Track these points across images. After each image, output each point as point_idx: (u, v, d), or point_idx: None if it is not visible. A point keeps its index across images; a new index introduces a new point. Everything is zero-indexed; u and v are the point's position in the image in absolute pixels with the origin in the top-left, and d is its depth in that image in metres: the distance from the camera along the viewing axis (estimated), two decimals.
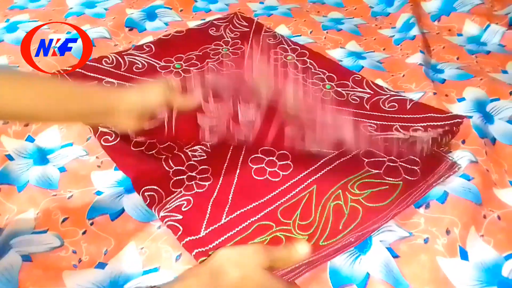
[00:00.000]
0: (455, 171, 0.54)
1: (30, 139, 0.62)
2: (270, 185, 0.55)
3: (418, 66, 0.75)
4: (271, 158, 0.58)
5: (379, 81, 0.74)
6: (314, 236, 0.48)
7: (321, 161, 0.57)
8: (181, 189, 0.54)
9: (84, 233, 0.50)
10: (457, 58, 0.80)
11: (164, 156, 0.58)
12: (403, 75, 0.75)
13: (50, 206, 0.52)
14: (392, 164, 0.56)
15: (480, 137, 0.60)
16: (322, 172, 0.56)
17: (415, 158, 0.56)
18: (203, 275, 0.38)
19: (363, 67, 0.78)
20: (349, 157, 0.57)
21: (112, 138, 0.61)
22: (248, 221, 0.50)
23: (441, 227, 0.48)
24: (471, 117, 0.63)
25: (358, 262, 0.46)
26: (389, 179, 0.54)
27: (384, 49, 0.85)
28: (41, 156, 0.60)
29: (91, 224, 0.51)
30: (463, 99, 0.68)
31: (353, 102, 0.67)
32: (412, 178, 0.54)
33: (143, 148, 0.60)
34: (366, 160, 0.57)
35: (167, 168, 0.57)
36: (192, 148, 0.60)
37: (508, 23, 0.87)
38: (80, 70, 0.73)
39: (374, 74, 0.76)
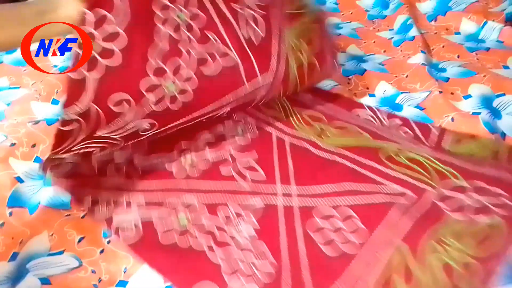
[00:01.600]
0: None
1: (38, 160, 0.61)
2: (348, 258, 0.46)
3: (420, 66, 0.76)
4: (335, 224, 0.49)
5: (383, 83, 0.74)
6: None
7: (392, 211, 0.49)
8: (243, 282, 0.45)
9: (101, 252, 0.49)
10: (458, 56, 0.81)
11: (207, 249, 0.48)
12: (407, 76, 0.75)
13: (64, 227, 0.52)
14: (477, 206, 0.49)
15: (491, 133, 0.60)
16: (403, 226, 0.47)
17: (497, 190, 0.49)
18: None
19: (366, 70, 0.78)
20: (428, 208, 0.49)
21: (134, 234, 0.50)
22: None
23: None
24: (479, 113, 0.64)
25: None
26: (483, 220, 0.47)
27: (384, 51, 0.85)
28: None
29: (108, 242, 0.50)
30: (469, 96, 0.69)
31: None
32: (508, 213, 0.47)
33: (175, 241, 0.49)
34: (448, 209, 0.49)
35: (214, 262, 0.47)
36: (238, 230, 0.50)
37: (505, 19, 0.88)
38: None
39: (377, 76, 0.76)
